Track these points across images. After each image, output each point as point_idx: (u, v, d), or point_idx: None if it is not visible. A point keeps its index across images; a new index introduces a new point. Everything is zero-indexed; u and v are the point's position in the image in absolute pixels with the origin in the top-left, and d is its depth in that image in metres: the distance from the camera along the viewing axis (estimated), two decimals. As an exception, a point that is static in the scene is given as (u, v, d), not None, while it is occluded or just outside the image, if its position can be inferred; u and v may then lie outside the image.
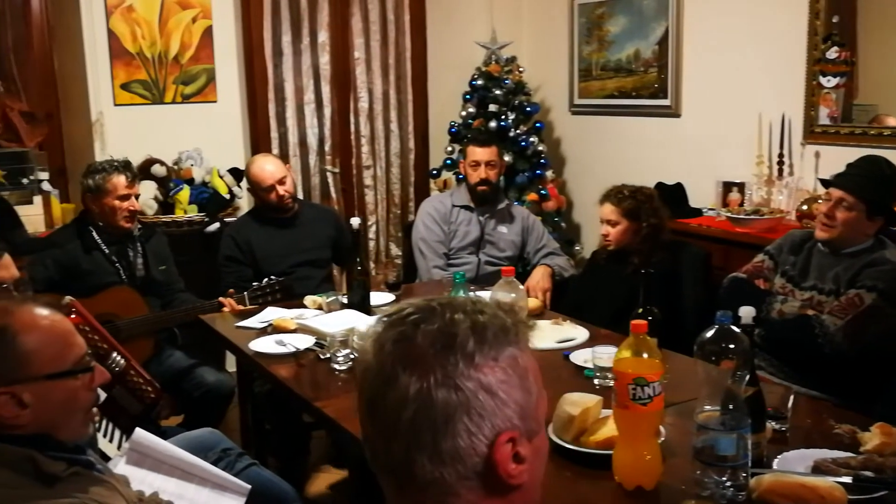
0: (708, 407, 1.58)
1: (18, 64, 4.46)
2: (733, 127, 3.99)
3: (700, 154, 4.18)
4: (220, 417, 3.24)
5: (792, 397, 1.90)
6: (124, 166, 3.27)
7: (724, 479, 1.53)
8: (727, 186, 3.90)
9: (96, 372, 1.51)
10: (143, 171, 4.15)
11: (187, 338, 3.40)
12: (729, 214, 3.69)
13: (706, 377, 1.61)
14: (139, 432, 2.04)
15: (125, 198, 3.22)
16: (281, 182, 3.56)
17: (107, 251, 3.25)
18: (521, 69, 4.81)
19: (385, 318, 0.98)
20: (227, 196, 4.26)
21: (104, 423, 2.37)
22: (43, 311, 1.44)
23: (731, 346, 1.60)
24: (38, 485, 1.35)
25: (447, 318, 0.94)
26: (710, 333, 1.62)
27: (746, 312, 1.72)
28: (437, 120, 4.94)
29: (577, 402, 1.84)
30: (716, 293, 2.87)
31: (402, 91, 4.92)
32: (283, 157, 4.48)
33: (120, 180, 3.20)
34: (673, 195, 3.98)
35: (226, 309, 3.15)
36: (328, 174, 4.80)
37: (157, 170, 4.16)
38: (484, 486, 0.93)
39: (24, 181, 4.04)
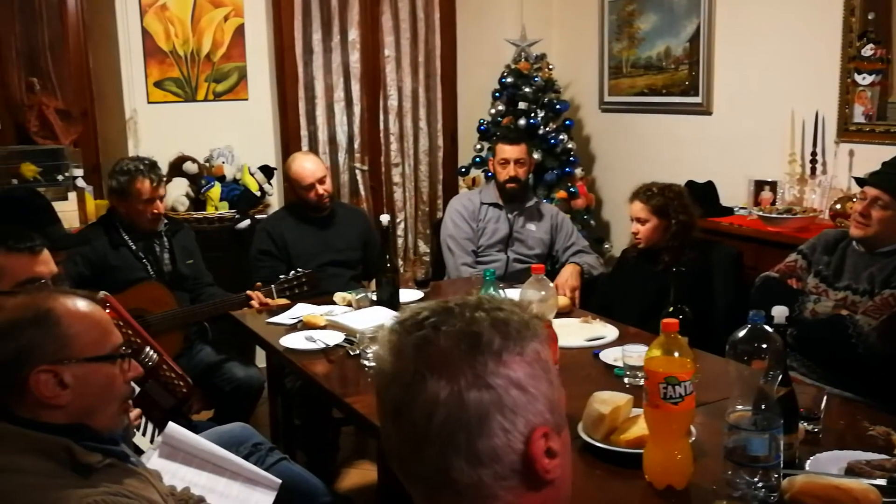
0: (740, 407, 1.56)
1: (54, 62, 4.54)
2: (765, 125, 3.95)
3: (731, 152, 4.14)
4: (249, 412, 3.27)
5: (825, 398, 1.88)
6: (150, 168, 3.24)
7: (756, 479, 1.52)
8: (759, 185, 3.86)
9: (131, 365, 1.54)
10: (175, 168, 4.20)
11: (217, 333, 3.43)
12: (761, 213, 3.65)
13: (738, 377, 1.60)
14: (172, 426, 2.06)
15: (150, 201, 3.22)
16: (321, 181, 3.58)
17: (134, 247, 3.28)
18: (550, 66, 4.79)
19: (398, 324, 0.95)
20: (258, 193, 4.29)
21: (137, 416, 2.40)
22: (83, 301, 1.49)
23: (764, 345, 1.58)
24: (74, 475, 1.37)
25: (467, 318, 0.92)
26: (742, 333, 1.60)
27: (780, 312, 1.70)
28: (466, 117, 4.94)
29: (607, 401, 1.83)
30: (747, 293, 2.85)
31: (431, 89, 4.93)
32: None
33: (145, 185, 3.19)
34: (704, 193, 3.94)
35: (253, 302, 3.16)
36: (357, 172, 4.82)
37: (189, 167, 4.21)
38: (521, 485, 0.91)
39: (59, 178, 4.11)
